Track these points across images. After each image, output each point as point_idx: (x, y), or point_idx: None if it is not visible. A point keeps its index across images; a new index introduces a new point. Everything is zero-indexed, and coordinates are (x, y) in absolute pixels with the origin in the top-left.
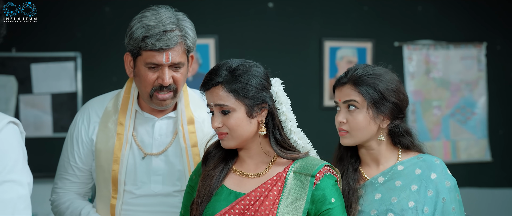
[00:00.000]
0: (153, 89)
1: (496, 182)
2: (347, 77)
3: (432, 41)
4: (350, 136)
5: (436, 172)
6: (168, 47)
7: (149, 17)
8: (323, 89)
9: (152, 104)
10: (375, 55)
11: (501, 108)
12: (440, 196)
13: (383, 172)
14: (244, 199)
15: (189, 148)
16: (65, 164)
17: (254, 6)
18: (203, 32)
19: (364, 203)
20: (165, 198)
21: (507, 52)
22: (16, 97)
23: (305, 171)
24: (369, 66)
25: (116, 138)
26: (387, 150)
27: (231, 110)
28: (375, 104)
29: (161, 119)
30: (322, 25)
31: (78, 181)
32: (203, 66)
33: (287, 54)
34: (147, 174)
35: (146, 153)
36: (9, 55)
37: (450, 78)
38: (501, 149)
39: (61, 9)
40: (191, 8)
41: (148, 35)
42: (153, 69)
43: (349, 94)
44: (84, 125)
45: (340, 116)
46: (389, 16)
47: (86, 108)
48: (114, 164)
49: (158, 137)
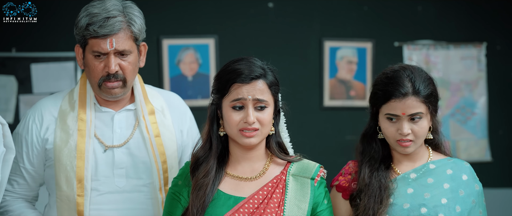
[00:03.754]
0: (102, 79)
1: (496, 182)
2: (408, 87)
3: (432, 41)
4: (414, 144)
5: (467, 174)
6: (111, 33)
7: (94, 6)
8: (323, 89)
9: (102, 94)
10: (375, 55)
11: (501, 108)
12: (470, 198)
13: (415, 169)
14: (247, 203)
15: (152, 138)
16: (13, 165)
17: (254, 6)
18: (203, 32)
19: (397, 196)
20: (131, 194)
21: (507, 52)
22: (16, 97)
23: (304, 174)
24: (418, 70)
25: (77, 134)
26: (421, 149)
27: (267, 106)
28: (434, 109)
29: (120, 112)
30: (322, 25)
31: (26, 183)
32: (203, 66)
33: (287, 54)
34: (110, 167)
35: (107, 146)
36: (9, 55)
37: (450, 78)
38: (501, 149)
39: (61, 9)
40: (191, 8)
41: (91, 22)
42: (99, 58)
43: (415, 106)
44: (35, 125)
45: (406, 129)
46: (389, 16)
47: (38, 108)
48: (78, 160)
49: (118, 130)
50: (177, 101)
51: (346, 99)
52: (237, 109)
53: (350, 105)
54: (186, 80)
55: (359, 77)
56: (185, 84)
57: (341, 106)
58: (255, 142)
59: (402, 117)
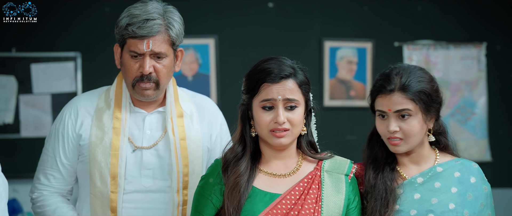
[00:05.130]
0: (135, 79)
1: (496, 182)
2: (394, 84)
3: (432, 41)
4: (404, 143)
5: (475, 176)
6: (148, 35)
7: (137, 7)
8: (323, 89)
9: (135, 95)
10: (375, 55)
11: (501, 108)
12: (479, 201)
13: (422, 173)
14: (284, 199)
15: (177, 141)
16: (50, 160)
17: (254, 6)
18: (203, 32)
19: (403, 202)
20: (157, 194)
21: (507, 52)
22: (16, 97)
23: (338, 171)
24: (409, 68)
25: (112, 132)
26: (427, 151)
27: (298, 105)
28: (427, 108)
29: (151, 114)
30: (322, 25)
31: (62, 178)
32: (203, 66)
33: (287, 54)
34: (138, 168)
35: (136, 146)
36: (9, 55)
37: (450, 78)
38: (501, 149)
39: (61, 9)
40: (191, 8)
41: (131, 22)
42: (135, 58)
43: (401, 103)
44: (71, 120)
45: (393, 126)
46: (389, 16)
47: (74, 104)
48: (113, 158)
49: (148, 131)
50: (209, 105)
51: (346, 99)
52: (267, 109)
53: (350, 105)
54: (186, 80)
55: (359, 77)
56: (185, 84)
57: (341, 106)
58: (286, 142)
59: (390, 113)
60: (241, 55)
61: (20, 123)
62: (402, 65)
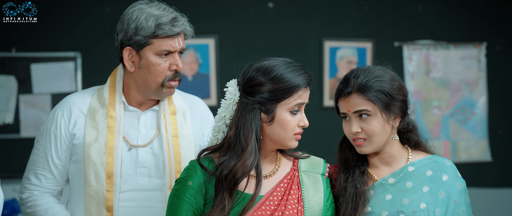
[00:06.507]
0: (167, 78)
1: (496, 182)
2: (351, 86)
3: (432, 41)
4: (369, 143)
5: (447, 174)
6: (182, 32)
7: (150, 8)
8: (323, 89)
9: (160, 94)
10: (375, 55)
11: (501, 108)
12: (451, 198)
13: (393, 173)
14: (267, 200)
15: (170, 138)
16: (41, 160)
17: (254, 6)
18: (203, 32)
19: (374, 204)
20: (152, 192)
21: (507, 52)
22: (16, 97)
23: (315, 170)
24: (368, 69)
25: (107, 131)
26: (398, 151)
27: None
28: (387, 107)
29: (146, 112)
30: (322, 25)
31: (54, 178)
32: (203, 66)
33: (287, 54)
34: (133, 166)
35: (132, 145)
36: (9, 55)
37: (450, 78)
38: (501, 149)
39: (61, 9)
40: (191, 8)
41: (161, 22)
42: (165, 57)
43: (359, 103)
44: (64, 120)
45: (354, 127)
46: (389, 16)
47: (66, 103)
48: (108, 156)
49: (143, 129)
50: (200, 104)
51: None
52: (294, 113)
53: None
54: (186, 80)
55: None
56: (185, 84)
57: None
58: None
59: (350, 114)
60: (241, 55)
61: (20, 123)
62: (363, 66)
